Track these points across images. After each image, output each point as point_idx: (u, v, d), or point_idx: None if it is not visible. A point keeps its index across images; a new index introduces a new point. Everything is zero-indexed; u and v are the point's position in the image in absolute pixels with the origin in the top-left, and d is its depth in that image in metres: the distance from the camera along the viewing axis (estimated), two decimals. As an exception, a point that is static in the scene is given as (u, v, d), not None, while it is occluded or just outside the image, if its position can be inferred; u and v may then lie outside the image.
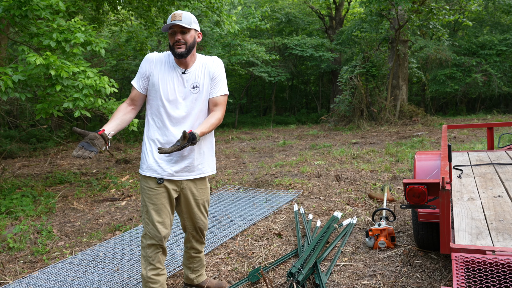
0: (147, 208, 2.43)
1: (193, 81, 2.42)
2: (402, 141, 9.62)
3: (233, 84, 21.79)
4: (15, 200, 5.37)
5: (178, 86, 2.39)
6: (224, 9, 8.71)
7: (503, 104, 19.45)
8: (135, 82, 2.45)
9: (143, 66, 2.43)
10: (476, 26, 18.79)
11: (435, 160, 3.17)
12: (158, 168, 2.39)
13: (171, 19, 2.31)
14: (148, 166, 2.41)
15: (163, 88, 2.37)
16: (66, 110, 5.49)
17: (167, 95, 2.37)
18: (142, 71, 2.42)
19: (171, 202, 2.48)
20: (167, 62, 2.42)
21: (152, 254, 2.47)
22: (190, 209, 2.56)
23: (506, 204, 2.31)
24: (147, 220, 2.45)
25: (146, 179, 2.43)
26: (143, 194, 2.46)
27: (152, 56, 2.44)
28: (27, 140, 12.36)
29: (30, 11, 4.82)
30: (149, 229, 2.44)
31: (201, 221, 2.63)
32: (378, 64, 13.93)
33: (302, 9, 20.92)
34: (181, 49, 2.32)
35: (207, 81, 2.46)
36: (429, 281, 2.79)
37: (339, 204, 4.75)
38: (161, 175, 2.39)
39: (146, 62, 2.43)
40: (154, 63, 2.41)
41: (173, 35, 2.34)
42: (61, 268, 3.43)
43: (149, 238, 2.46)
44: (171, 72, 2.40)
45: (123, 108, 2.43)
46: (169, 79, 2.39)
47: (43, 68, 4.63)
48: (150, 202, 2.42)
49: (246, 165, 7.81)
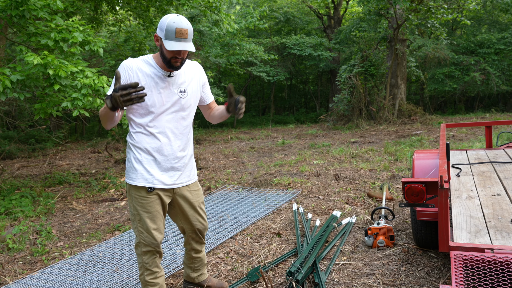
0: (140, 216, 2.35)
1: (180, 85, 2.36)
2: (401, 140, 9.63)
3: (232, 84, 21.68)
4: (14, 201, 5.37)
5: (165, 90, 2.30)
6: (223, 8, 8.70)
7: (501, 103, 19.48)
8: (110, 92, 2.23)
9: (124, 75, 2.24)
10: (474, 24, 18.81)
11: (434, 159, 3.18)
12: (150, 177, 2.32)
13: (176, 35, 2.13)
14: (138, 176, 2.32)
15: (150, 95, 2.26)
16: (65, 110, 5.49)
17: (154, 101, 2.27)
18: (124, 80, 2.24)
19: (164, 207, 2.43)
20: (149, 67, 2.28)
21: (149, 260, 2.44)
22: (185, 212, 2.52)
23: (504, 202, 2.32)
24: (141, 229, 2.37)
25: (137, 188, 2.34)
26: (134, 202, 2.36)
27: (130, 63, 2.26)
28: (26, 141, 12.35)
29: (28, 11, 4.82)
30: (144, 237, 2.37)
31: (200, 223, 2.59)
32: (376, 63, 13.94)
33: (301, 8, 20.92)
34: (178, 63, 2.23)
35: (196, 87, 2.44)
36: (428, 280, 2.80)
37: (338, 203, 4.75)
38: (153, 184, 2.32)
39: (125, 70, 2.24)
40: (133, 70, 2.25)
41: (173, 52, 2.19)
42: (61, 269, 3.43)
43: (144, 245, 2.39)
44: (156, 76, 2.28)
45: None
46: (152, 84, 2.26)
47: (41, 68, 4.63)
48: (143, 211, 2.34)
49: (245, 164, 7.81)
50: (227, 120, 18.63)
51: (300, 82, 23.07)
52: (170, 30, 2.13)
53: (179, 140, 2.40)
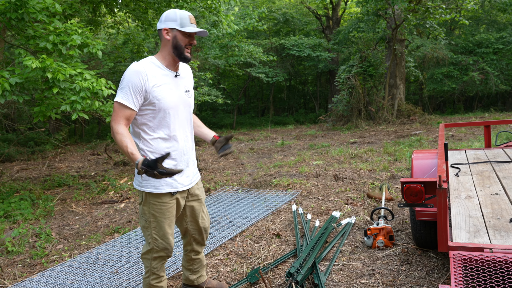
0: (157, 223, 2.31)
1: (185, 84, 2.40)
2: (400, 140, 9.63)
3: (231, 85, 21.78)
4: (14, 204, 5.36)
5: (175, 90, 2.30)
6: (221, 9, 8.70)
7: (500, 102, 19.49)
8: (127, 101, 2.14)
9: (136, 80, 2.14)
10: (472, 24, 18.83)
11: (433, 159, 3.18)
12: (173, 181, 2.30)
13: (190, 21, 2.20)
14: (162, 182, 2.27)
15: (165, 97, 2.22)
16: (64, 112, 5.49)
17: (169, 102, 2.24)
18: (136, 86, 2.14)
19: (179, 211, 2.44)
20: (157, 69, 2.24)
21: (158, 265, 2.44)
22: (195, 211, 2.53)
23: (503, 202, 2.32)
24: (156, 236, 2.33)
25: (158, 195, 2.28)
26: (151, 210, 2.30)
27: (143, 67, 2.18)
28: (25, 144, 12.33)
29: (27, 14, 4.82)
30: (158, 244, 2.34)
31: (205, 220, 2.62)
32: (375, 64, 13.95)
33: (299, 9, 20.94)
34: (189, 53, 2.26)
35: (192, 88, 2.49)
36: (427, 280, 2.80)
37: (337, 204, 4.75)
38: (177, 188, 2.33)
39: (139, 75, 2.15)
40: (147, 74, 2.17)
41: (188, 36, 2.22)
42: (60, 271, 3.43)
43: (157, 251, 2.37)
44: (166, 77, 2.26)
45: (126, 132, 2.14)
46: (166, 86, 2.24)
47: (40, 71, 4.63)
48: (163, 217, 2.31)
49: (245, 166, 7.81)
50: (226, 121, 18.63)
51: (299, 83, 23.07)
52: (184, 18, 2.20)
53: (190, 139, 2.45)
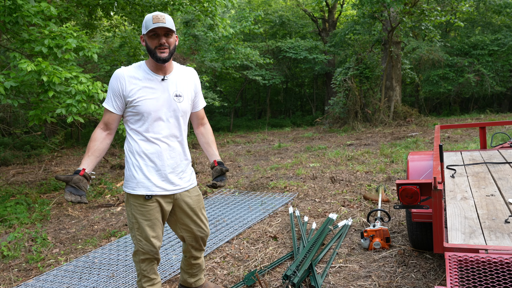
0: (138, 224, 2.32)
1: (175, 89, 2.34)
2: (397, 142, 9.66)
3: (227, 88, 21.77)
4: (9, 208, 5.33)
5: (160, 94, 2.28)
6: (217, 12, 8.72)
7: (496, 104, 19.60)
8: (107, 104, 2.28)
9: (114, 84, 2.25)
10: (467, 26, 18.95)
11: (428, 161, 3.19)
12: (150, 184, 2.29)
13: (153, 21, 2.16)
14: (138, 184, 2.28)
15: (145, 100, 2.24)
16: (60, 116, 5.47)
17: (150, 106, 2.25)
18: (115, 90, 2.25)
19: (164, 215, 2.39)
20: (141, 73, 2.27)
21: (147, 268, 2.42)
22: (186, 219, 2.46)
23: (498, 203, 2.33)
24: (139, 237, 2.34)
25: (136, 196, 2.31)
26: (132, 210, 2.33)
27: (122, 72, 2.26)
28: (21, 147, 12.28)
29: (21, 18, 4.81)
30: (143, 245, 2.35)
31: (201, 230, 2.53)
32: (371, 66, 14.00)
33: (295, 12, 21.01)
34: (165, 53, 2.22)
35: (190, 92, 2.42)
36: (424, 281, 2.80)
37: (334, 206, 4.75)
38: (153, 191, 2.29)
39: (117, 79, 2.25)
40: (125, 78, 2.24)
41: (156, 38, 2.20)
42: (56, 276, 3.41)
43: (143, 253, 2.37)
44: (149, 81, 2.26)
45: (98, 137, 2.27)
46: (148, 89, 2.25)
47: (35, 75, 4.61)
48: (143, 219, 2.31)
49: (242, 168, 7.81)
50: (223, 124, 18.63)
51: (296, 85, 23.12)
52: (148, 19, 2.21)
53: (178, 145, 2.39)
